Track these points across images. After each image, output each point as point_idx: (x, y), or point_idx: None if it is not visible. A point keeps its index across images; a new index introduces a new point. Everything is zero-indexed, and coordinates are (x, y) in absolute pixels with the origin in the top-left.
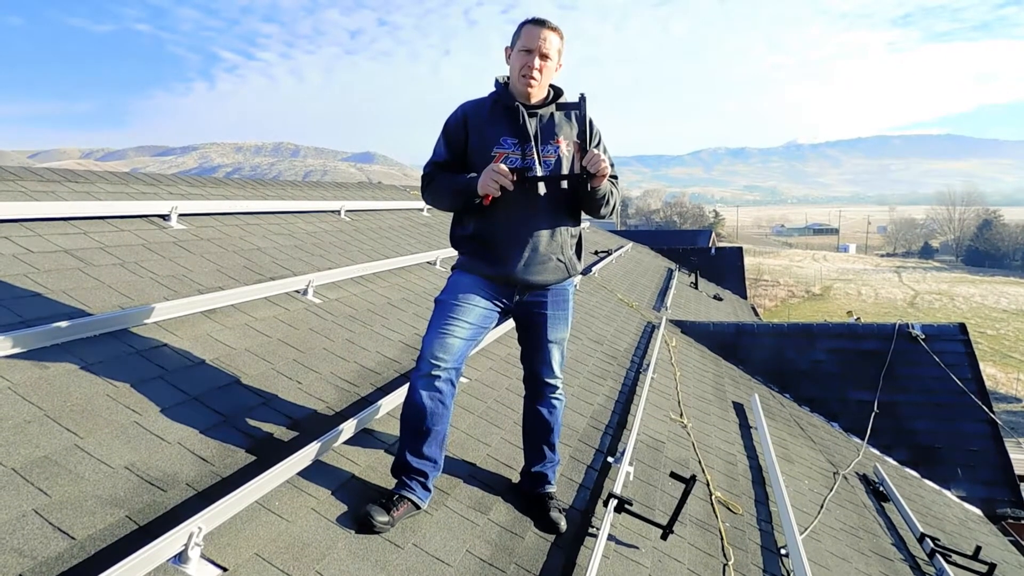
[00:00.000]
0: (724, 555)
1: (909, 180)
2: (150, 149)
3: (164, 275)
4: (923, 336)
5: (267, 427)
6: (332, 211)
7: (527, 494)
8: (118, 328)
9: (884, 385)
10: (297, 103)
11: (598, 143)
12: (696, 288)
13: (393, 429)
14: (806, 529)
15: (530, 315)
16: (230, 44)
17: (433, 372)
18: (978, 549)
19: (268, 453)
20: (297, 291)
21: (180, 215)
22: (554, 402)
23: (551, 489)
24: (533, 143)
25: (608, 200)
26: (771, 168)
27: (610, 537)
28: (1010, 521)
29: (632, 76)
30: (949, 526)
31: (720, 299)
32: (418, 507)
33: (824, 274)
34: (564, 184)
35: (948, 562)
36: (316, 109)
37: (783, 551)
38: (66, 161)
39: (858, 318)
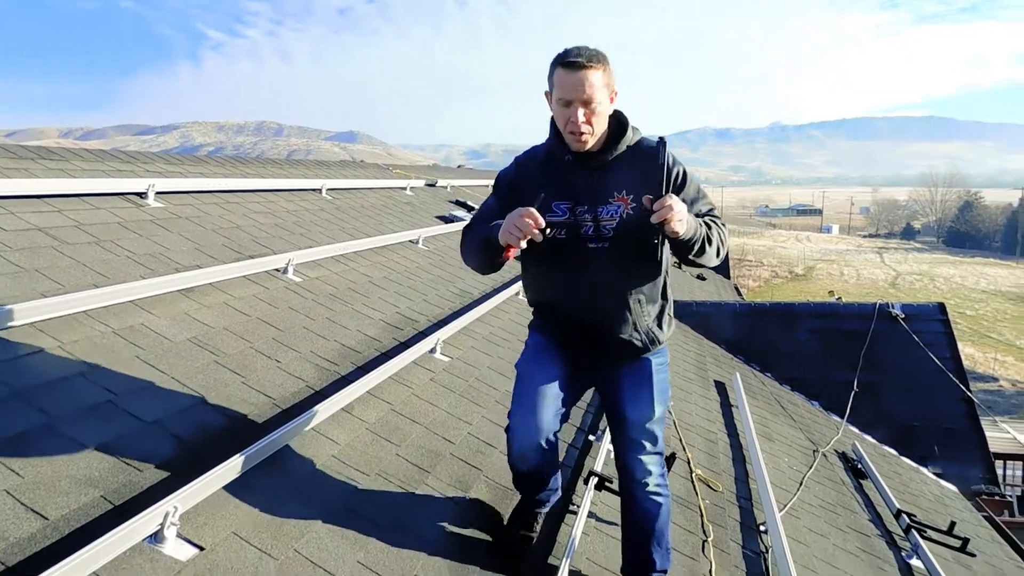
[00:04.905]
0: (704, 532)
1: (893, 162)
2: (130, 128)
3: (141, 253)
4: (903, 316)
5: (245, 406)
6: (313, 189)
7: None
8: (94, 307)
9: (864, 364)
10: (282, 82)
11: (681, 184)
12: (680, 267)
13: (373, 408)
14: (785, 506)
15: (603, 387)
16: (216, 22)
17: (534, 452)
18: (952, 524)
19: (246, 432)
20: (277, 270)
21: (157, 193)
22: (648, 504)
23: None
24: (588, 207)
25: (703, 248)
26: (756, 149)
27: (590, 514)
28: (984, 497)
29: (618, 56)
30: (925, 503)
31: (703, 279)
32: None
33: (807, 255)
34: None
35: (923, 537)
36: (301, 88)
37: (762, 527)
38: (44, 141)
39: (839, 298)
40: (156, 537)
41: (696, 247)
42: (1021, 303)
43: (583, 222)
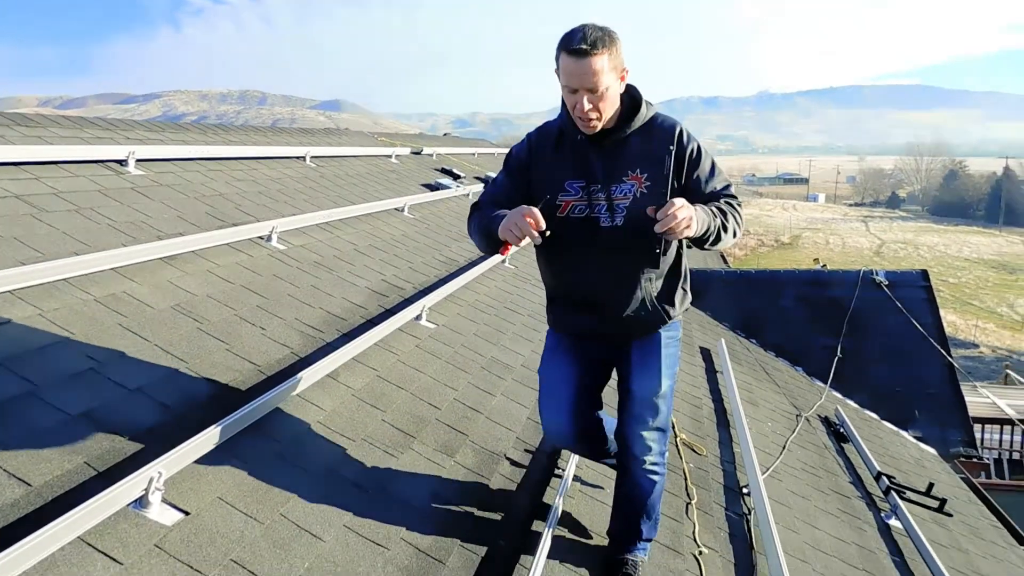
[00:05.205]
0: (687, 494)
1: (880, 131)
2: (111, 97)
3: (122, 221)
4: (887, 283)
5: (230, 373)
6: (297, 157)
7: (606, 556)
8: (74, 275)
9: (848, 330)
10: (265, 50)
11: (695, 161)
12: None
13: (359, 375)
14: (768, 469)
15: (617, 363)
16: None
17: (570, 443)
18: (930, 486)
19: (231, 398)
20: (260, 237)
21: (138, 160)
22: (641, 480)
23: (632, 557)
24: (601, 186)
25: (719, 237)
26: (743, 118)
27: (575, 478)
28: (962, 460)
29: (603, 22)
30: (905, 465)
31: (690, 247)
32: None
33: (793, 223)
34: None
35: (902, 498)
36: (284, 56)
37: (745, 490)
38: (23, 110)
39: (824, 265)
40: (141, 502)
41: (711, 239)
42: (1003, 271)
43: (596, 201)
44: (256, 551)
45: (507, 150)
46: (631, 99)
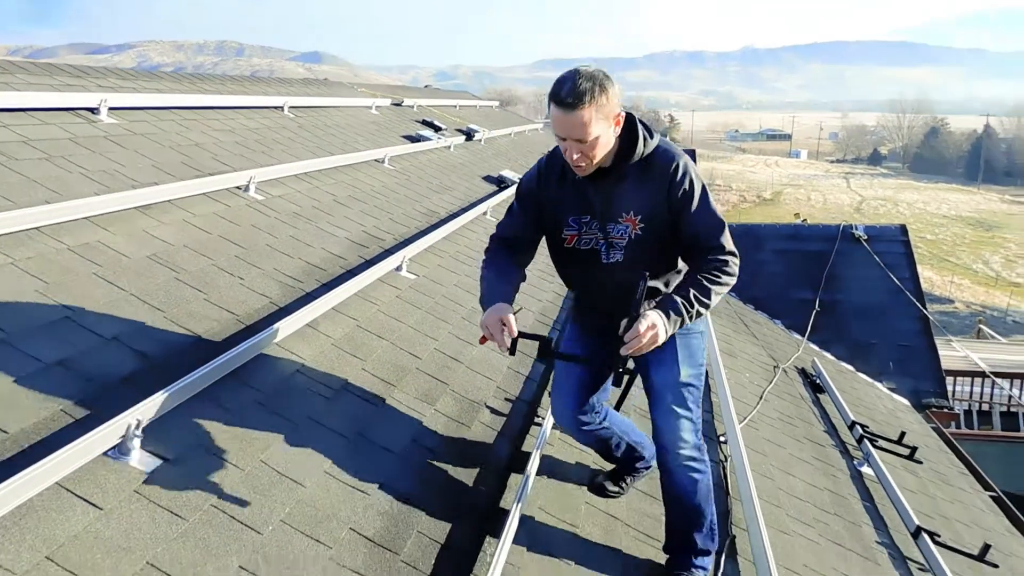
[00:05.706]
0: None
1: (863, 87)
2: (83, 47)
3: (95, 170)
4: (865, 237)
5: (208, 322)
6: (275, 107)
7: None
8: (46, 223)
9: (826, 284)
10: None
11: (683, 200)
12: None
13: (339, 325)
14: (745, 418)
15: (636, 360)
16: None
17: (573, 429)
18: (902, 435)
19: (209, 347)
20: (238, 187)
21: (111, 108)
22: (680, 478)
23: (688, 574)
24: (599, 224)
25: (701, 314)
26: (727, 72)
27: (555, 426)
28: (933, 410)
29: None
30: (879, 415)
31: None
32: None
33: (775, 179)
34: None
35: (874, 446)
36: (263, 6)
37: (722, 438)
38: None
39: (805, 220)
40: (119, 449)
41: (692, 321)
42: (979, 228)
43: (596, 238)
44: (237, 496)
45: (489, 103)
46: (629, 133)
